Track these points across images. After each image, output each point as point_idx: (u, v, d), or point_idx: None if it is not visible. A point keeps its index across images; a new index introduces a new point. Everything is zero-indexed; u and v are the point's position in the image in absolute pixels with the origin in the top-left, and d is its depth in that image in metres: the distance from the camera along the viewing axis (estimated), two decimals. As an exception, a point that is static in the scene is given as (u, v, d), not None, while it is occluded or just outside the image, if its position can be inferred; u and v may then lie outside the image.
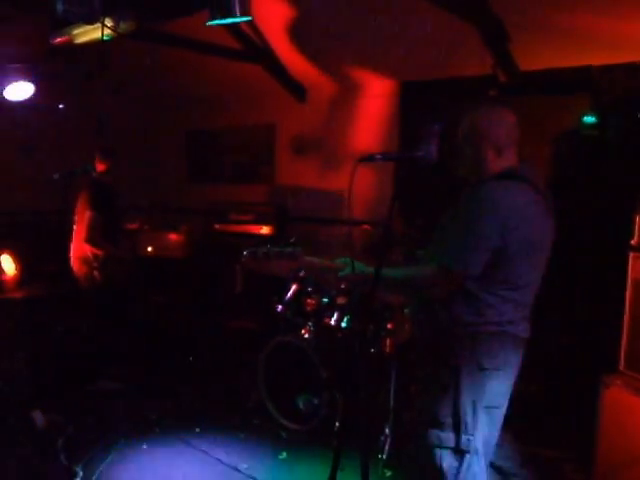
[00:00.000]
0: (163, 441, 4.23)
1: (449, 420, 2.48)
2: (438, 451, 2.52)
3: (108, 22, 3.45)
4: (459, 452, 2.50)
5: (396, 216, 4.22)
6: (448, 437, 2.49)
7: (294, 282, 4.70)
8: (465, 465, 2.50)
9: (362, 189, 2.50)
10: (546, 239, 2.57)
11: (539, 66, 4.74)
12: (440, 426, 2.50)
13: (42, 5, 3.48)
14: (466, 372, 2.46)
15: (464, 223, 2.45)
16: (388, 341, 4.27)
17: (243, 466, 3.91)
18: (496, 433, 2.61)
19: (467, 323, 2.47)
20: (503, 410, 2.60)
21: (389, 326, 4.32)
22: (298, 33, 5.36)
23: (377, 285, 2.41)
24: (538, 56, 4.67)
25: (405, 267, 2.71)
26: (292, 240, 3.05)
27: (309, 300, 4.61)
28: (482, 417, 2.50)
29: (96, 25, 3.40)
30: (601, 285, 4.38)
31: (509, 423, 2.70)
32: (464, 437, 2.48)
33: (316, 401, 4.28)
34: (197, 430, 4.34)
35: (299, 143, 6.36)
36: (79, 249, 4.99)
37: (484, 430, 2.52)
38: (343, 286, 4.46)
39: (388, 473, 3.82)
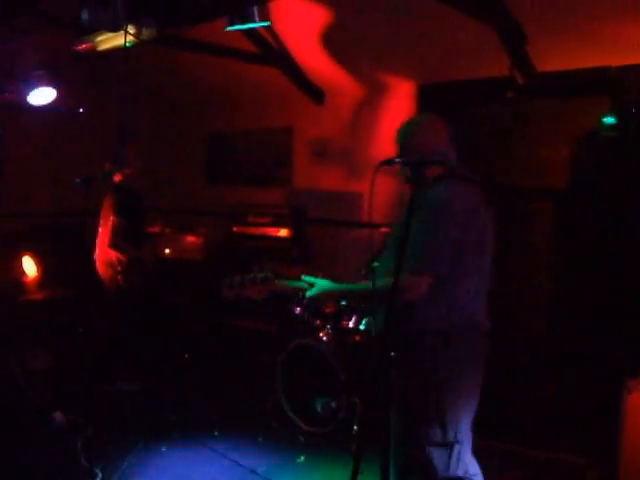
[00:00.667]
0: (182, 443, 4.26)
1: (434, 416, 2.53)
2: (427, 448, 2.55)
3: (131, 29, 3.49)
4: (447, 445, 2.55)
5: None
6: (435, 432, 2.54)
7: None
8: (455, 456, 2.56)
9: (380, 192, 2.50)
10: (490, 231, 2.68)
11: (557, 67, 4.70)
12: (427, 423, 2.54)
13: (66, 14, 3.54)
14: (443, 369, 2.53)
15: (425, 226, 2.48)
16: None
17: (261, 469, 3.93)
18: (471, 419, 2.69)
19: (437, 321, 2.54)
20: (478, 396, 2.67)
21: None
22: (316, 36, 5.37)
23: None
24: (556, 57, 4.64)
25: (366, 281, 2.70)
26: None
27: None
28: (464, 407, 2.59)
29: (119, 32, 3.45)
30: (621, 290, 4.35)
31: (529, 428, 2.71)
32: (450, 430, 2.54)
33: (334, 404, 4.29)
34: (215, 433, 4.37)
35: (317, 146, 6.37)
36: (103, 253, 5.06)
37: (467, 419, 2.62)
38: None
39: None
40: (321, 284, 2.86)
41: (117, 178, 5.08)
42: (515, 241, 4.92)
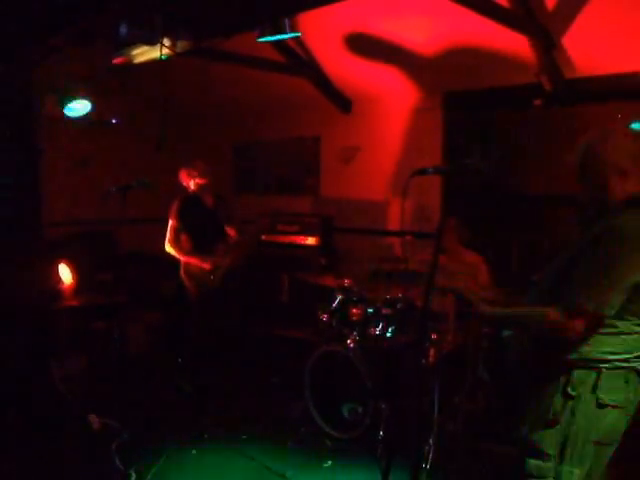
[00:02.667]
0: (212, 447, 4.32)
1: (553, 451, 2.35)
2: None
3: (166, 42, 3.59)
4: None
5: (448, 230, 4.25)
6: (549, 469, 2.36)
7: (339, 292, 4.76)
8: None
9: (409, 201, 2.53)
10: None
11: (585, 74, 4.73)
12: (542, 457, 2.37)
13: (104, 29, 3.65)
14: (583, 405, 2.31)
15: (597, 260, 2.28)
16: (432, 351, 4.30)
17: (289, 472, 3.97)
18: (599, 470, 2.44)
19: (593, 358, 2.32)
20: (614, 447, 2.42)
21: (433, 336, 4.35)
22: (344, 46, 5.44)
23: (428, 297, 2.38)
24: (584, 64, 4.67)
25: (524, 307, 2.51)
26: None
27: (354, 310, 4.66)
28: (589, 451, 2.35)
29: (155, 45, 3.55)
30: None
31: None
32: (566, 469, 2.34)
33: (361, 410, 4.32)
34: (244, 437, 4.42)
35: (345, 154, 6.43)
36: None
37: (586, 464, 2.37)
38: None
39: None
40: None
41: (192, 186, 5.27)
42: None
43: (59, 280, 5.73)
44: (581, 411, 2.32)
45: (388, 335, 4.49)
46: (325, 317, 4.74)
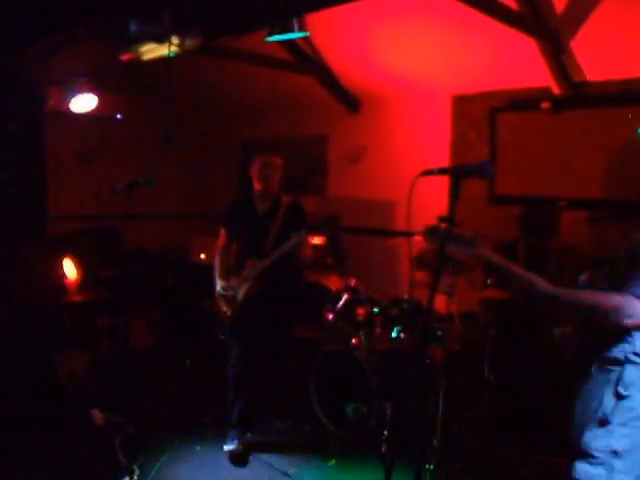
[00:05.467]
0: (215, 443, 4.33)
1: (603, 455, 2.25)
2: None
3: (175, 39, 3.60)
4: None
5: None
6: (599, 475, 2.26)
7: (345, 292, 4.77)
8: None
9: (416, 201, 2.52)
10: None
11: (593, 78, 4.72)
12: (591, 461, 2.27)
13: (111, 24, 3.66)
14: (636, 406, 2.24)
15: None
16: (437, 352, 4.31)
17: (292, 470, 3.98)
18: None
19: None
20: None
21: (439, 336, 4.36)
22: (352, 45, 5.44)
23: (432, 299, 2.35)
24: (593, 68, 4.66)
25: (585, 291, 2.42)
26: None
27: (360, 310, 4.67)
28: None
29: (164, 43, 3.56)
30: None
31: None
32: (618, 476, 2.23)
33: (365, 410, 4.33)
34: (248, 435, 4.43)
35: (352, 154, 6.43)
36: None
37: (637, 471, 2.27)
38: None
39: (436, 483, 3.84)
40: None
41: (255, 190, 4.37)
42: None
43: (63, 275, 5.74)
44: (636, 413, 2.23)
45: (393, 335, 4.50)
46: (331, 317, 4.75)
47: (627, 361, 2.25)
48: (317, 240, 5.99)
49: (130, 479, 3.37)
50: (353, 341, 4.50)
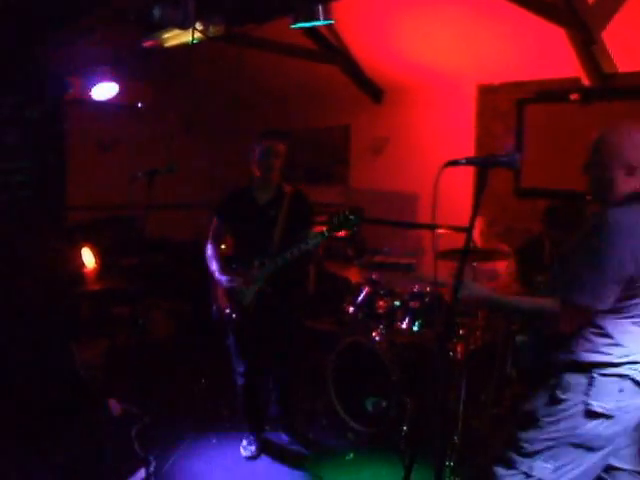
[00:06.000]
0: (232, 436, 4.31)
1: (531, 447, 2.35)
2: (505, 470, 2.40)
3: (198, 26, 3.56)
4: (529, 477, 2.35)
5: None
6: (521, 462, 2.37)
7: (366, 284, 4.72)
8: None
9: (440, 193, 2.46)
10: None
11: (626, 69, 4.60)
12: (517, 448, 2.38)
13: (133, 11, 3.63)
14: (568, 408, 2.32)
15: (591, 252, 2.27)
16: (459, 347, 4.25)
17: (309, 464, 3.94)
18: (578, 474, 2.36)
19: (586, 362, 2.31)
20: (601, 453, 2.36)
21: (461, 332, 4.30)
22: (377, 34, 5.37)
23: (456, 294, 2.32)
24: (624, 59, 4.54)
25: (525, 297, 2.59)
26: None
27: (381, 302, 4.62)
28: (566, 452, 2.33)
29: (187, 29, 3.52)
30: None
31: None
32: (540, 464, 2.34)
33: (384, 404, 4.28)
34: (267, 428, 4.40)
35: (375, 144, 6.36)
36: None
37: (560, 462, 2.34)
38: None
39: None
40: (472, 287, 2.56)
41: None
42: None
43: (82, 264, 5.73)
44: (566, 415, 2.31)
45: (414, 329, 4.44)
46: (351, 309, 4.69)
47: (566, 368, 2.34)
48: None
49: (146, 470, 3.35)
50: (373, 334, 4.45)
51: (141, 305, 5.49)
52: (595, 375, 2.29)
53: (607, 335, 2.30)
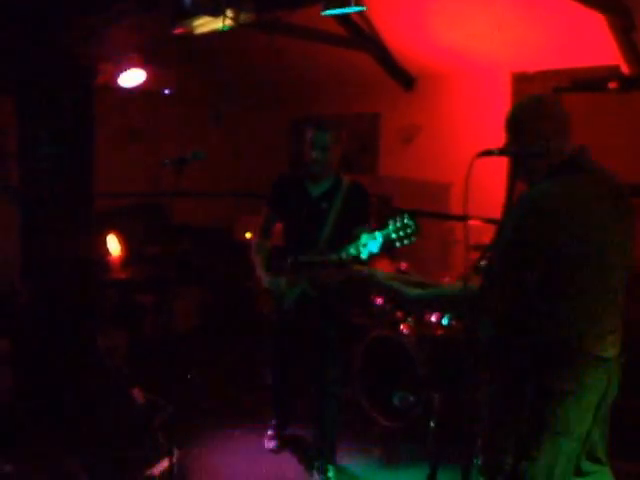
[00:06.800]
0: (255, 429, 4.28)
1: (509, 444, 2.27)
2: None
3: (229, 13, 3.51)
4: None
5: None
6: (507, 463, 2.28)
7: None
8: None
9: (473, 184, 2.37)
10: (620, 238, 2.26)
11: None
12: (500, 451, 2.30)
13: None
14: (529, 394, 2.23)
15: (508, 232, 2.23)
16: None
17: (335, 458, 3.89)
18: (560, 461, 2.27)
19: (533, 342, 2.23)
20: (574, 437, 2.25)
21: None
22: (409, 21, 5.26)
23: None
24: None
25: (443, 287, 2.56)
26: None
27: (410, 295, 4.52)
28: (541, 441, 2.23)
29: (218, 16, 3.48)
30: None
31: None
32: (524, 463, 2.24)
33: (412, 398, 4.22)
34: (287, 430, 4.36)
35: (405, 133, 6.26)
36: None
37: (540, 455, 2.24)
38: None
39: (482, 478, 3.71)
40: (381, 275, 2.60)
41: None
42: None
43: (107, 252, 5.73)
44: (526, 399, 2.22)
45: (444, 323, 4.36)
46: (379, 301, 4.63)
47: (517, 348, 2.28)
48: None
49: (169, 460, 3.34)
50: (402, 327, 4.38)
51: (166, 294, 5.48)
52: (547, 354, 2.21)
53: (551, 314, 2.21)
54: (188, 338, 5.82)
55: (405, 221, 2.86)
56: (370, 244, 2.95)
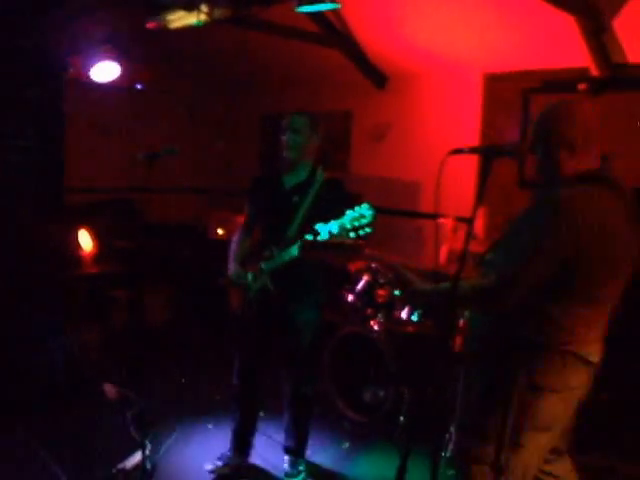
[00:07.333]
0: (228, 422, 4.28)
1: (493, 435, 2.31)
2: (475, 467, 2.39)
3: (204, 8, 3.50)
4: (498, 470, 2.33)
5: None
6: (488, 455, 2.33)
7: (366, 273, 4.67)
8: None
9: (443, 181, 2.40)
10: (628, 251, 2.32)
11: (636, 59, 4.50)
12: (483, 441, 2.35)
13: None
14: (519, 389, 2.29)
15: (526, 233, 2.27)
16: (458, 339, 4.21)
17: (306, 452, 3.91)
18: (536, 454, 2.40)
19: (528, 340, 2.30)
20: (553, 434, 2.39)
21: (460, 324, 4.26)
22: (382, 20, 5.28)
23: (456, 283, 2.24)
24: (636, 49, 4.45)
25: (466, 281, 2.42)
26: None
27: (380, 292, 4.57)
28: (525, 436, 2.32)
29: (192, 11, 3.46)
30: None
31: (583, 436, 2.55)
32: (504, 455, 2.31)
33: (382, 394, 4.26)
34: (261, 414, 4.38)
35: (377, 131, 6.29)
36: None
37: (523, 449, 2.34)
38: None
39: (450, 472, 3.76)
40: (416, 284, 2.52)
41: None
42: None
43: (79, 246, 5.68)
44: (516, 394, 2.28)
45: (414, 319, 4.40)
46: (350, 297, 4.65)
47: (510, 343, 2.32)
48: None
49: (142, 453, 3.33)
50: (372, 323, 4.42)
51: (138, 289, 5.45)
52: (541, 352, 2.28)
53: (552, 316, 2.27)
54: (160, 333, 5.80)
55: (362, 211, 2.86)
56: (323, 232, 2.93)
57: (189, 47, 5.87)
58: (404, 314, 4.44)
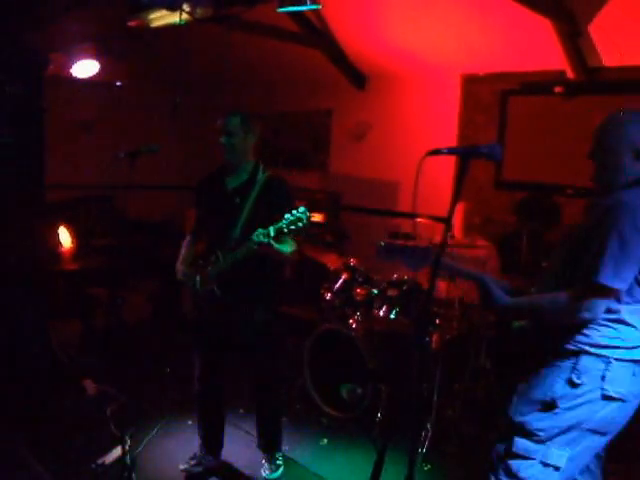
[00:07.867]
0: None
1: (544, 434, 2.36)
2: (521, 461, 2.39)
3: (186, 7, 3.51)
4: (547, 466, 2.36)
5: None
6: (536, 450, 2.36)
7: (344, 271, 4.71)
8: None
9: (421, 181, 2.44)
10: None
11: (611, 63, 4.60)
12: (532, 438, 2.37)
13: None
14: (587, 395, 2.33)
15: (609, 233, 2.25)
16: (435, 337, 4.27)
17: (284, 448, 3.95)
18: (587, 458, 2.45)
19: (602, 346, 2.32)
20: (608, 437, 2.43)
21: (437, 322, 4.32)
22: (362, 21, 5.33)
23: (433, 283, 2.31)
24: (610, 52, 4.54)
25: (540, 295, 2.50)
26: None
27: (359, 290, 4.61)
28: (582, 438, 2.36)
29: (174, 10, 3.47)
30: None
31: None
32: (556, 452, 2.35)
33: (360, 391, 4.30)
34: (241, 411, 4.41)
35: (356, 131, 6.34)
36: None
37: (576, 449, 2.37)
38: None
39: (426, 467, 3.83)
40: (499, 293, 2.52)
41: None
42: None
43: (58, 243, 5.67)
44: (583, 400, 2.33)
45: (392, 317, 4.45)
46: (328, 296, 4.69)
47: (582, 352, 2.35)
48: (317, 217, 5.93)
49: (122, 449, 3.35)
50: (350, 321, 4.46)
51: (118, 287, 5.45)
52: (611, 360, 2.31)
53: (622, 320, 2.32)
54: (140, 330, 5.80)
55: (299, 215, 2.99)
56: (262, 237, 3.04)
57: (171, 46, 5.87)
58: (382, 312, 4.48)
